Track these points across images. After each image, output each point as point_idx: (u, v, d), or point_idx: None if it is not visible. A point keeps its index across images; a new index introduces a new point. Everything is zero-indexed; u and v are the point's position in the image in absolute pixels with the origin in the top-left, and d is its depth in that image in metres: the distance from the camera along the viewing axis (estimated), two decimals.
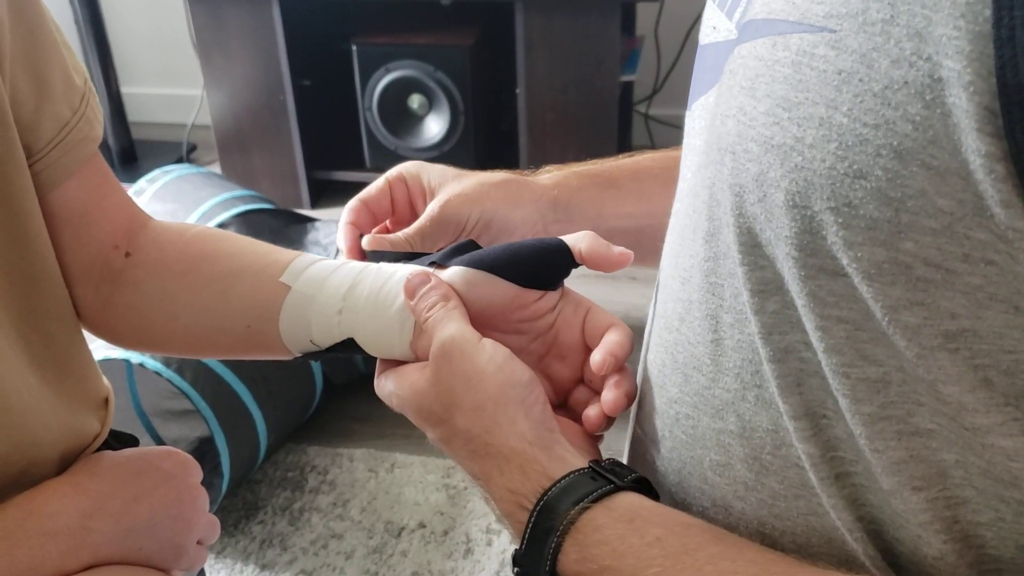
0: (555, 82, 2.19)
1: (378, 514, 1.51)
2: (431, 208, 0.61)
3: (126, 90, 2.66)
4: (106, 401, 0.63)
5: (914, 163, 0.29)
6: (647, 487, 0.44)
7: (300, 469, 1.60)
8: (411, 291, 0.51)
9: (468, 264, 0.51)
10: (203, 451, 1.38)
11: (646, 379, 0.48)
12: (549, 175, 0.64)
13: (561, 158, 2.58)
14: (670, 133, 2.56)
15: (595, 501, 0.42)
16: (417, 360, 0.52)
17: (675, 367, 0.44)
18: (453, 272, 0.52)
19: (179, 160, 2.63)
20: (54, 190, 0.54)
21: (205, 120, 2.51)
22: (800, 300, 0.34)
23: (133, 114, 2.69)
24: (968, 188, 0.29)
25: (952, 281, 0.30)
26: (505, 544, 1.45)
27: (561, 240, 0.52)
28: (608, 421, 0.50)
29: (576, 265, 0.52)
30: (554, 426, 0.47)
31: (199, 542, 0.61)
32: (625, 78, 2.24)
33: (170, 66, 2.86)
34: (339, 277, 0.55)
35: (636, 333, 0.50)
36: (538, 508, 0.43)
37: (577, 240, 0.52)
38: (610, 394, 0.49)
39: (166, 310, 0.58)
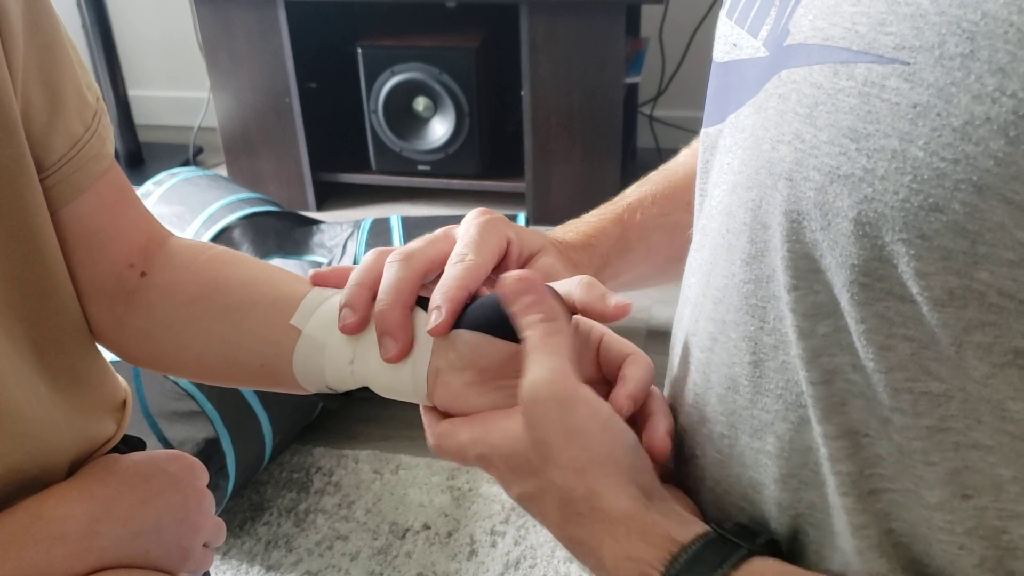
0: (560, 84, 2.19)
1: (383, 515, 1.52)
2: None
3: (133, 93, 2.67)
4: (124, 404, 0.63)
5: (994, 198, 0.29)
6: (776, 548, 0.43)
7: (305, 470, 1.61)
8: (508, 297, 0.47)
9: (466, 325, 0.50)
10: (209, 452, 1.39)
11: (677, 396, 0.48)
12: (576, 234, 0.62)
13: (566, 159, 2.58)
14: (675, 134, 2.56)
15: (733, 567, 0.40)
16: (433, 406, 0.51)
17: (708, 387, 0.44)
18: (459, 334, 0.50)
19: (185, 163, 2.64)
20: (66, 206, 0.54)
21: (211, 123, 2.52)
22: (862, 323, 0.34)
23: (140, 117, 2.71)
24: None
25: None
26: (509, 546, 1.45)
27: (553, 291, 0.49)
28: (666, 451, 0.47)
29: (570, 314, 0.49)
30: (664, 492, 0.44)
31: (205, 545, 0.61)
32: (630, 80, 2.24)
33: (176, 69, 2.87)
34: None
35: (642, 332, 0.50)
36: None
37: (571, 289, 0.49)
38: (658, 441, 0.47)
39: (177, 338, 0.57)
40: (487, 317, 0.50)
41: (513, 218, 1.75)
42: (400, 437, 1.67)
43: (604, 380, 0.52)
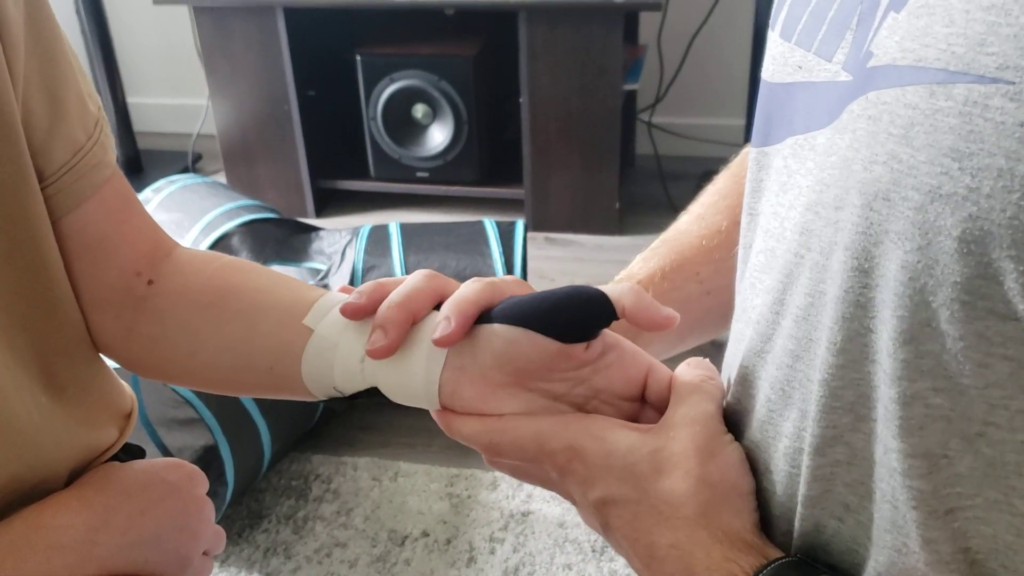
0: (558, 91, 2.20)
1: (382, 523, 1.51)
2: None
3: (132, 100, 2.68)
4: (129, 413, 0.63)
5: None
6: None
7: (304, 478, 1.61)
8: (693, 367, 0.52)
9: (507, 320, 0.49)
10: (207, 460, 1.39)
11: (747, 411, 0.48)
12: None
13: (564, 166, 2.57)
14: (673, 141, 2.57)
15: None
16: (443, 408, 0.51)
17: (788, 403, 0.44)
18: (493, 330, 0.49)
19: (184, 170, 2.64)
20: (68, 215, 0.53)
21: (210, 130, 2.52)
22: (960, 340, 0.35)
23: (139, 124, 2.71)
24: None
25: None
26: (508, 553, 1.45)
27: (601, 292, 0.49)
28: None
29: (616, 318, 0.49)
30: (762, 533, 0.47)
31: (205, 552, 0.61)
32: (628, 87, 2.24)
33: (176, 76, 2.88)
34: (364, 322, 0.52)
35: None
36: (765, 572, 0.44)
37: (622, 295, 0.50)
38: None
39: (188, 344, 0.57)
40: (532, 312, 0.48)
41: (512, 225, 1.75)
42: (399, 444, 1.67)
43: (644, 402, 0.53)
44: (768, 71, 0.46)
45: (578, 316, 0.49)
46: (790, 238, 0.43)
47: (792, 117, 0.44)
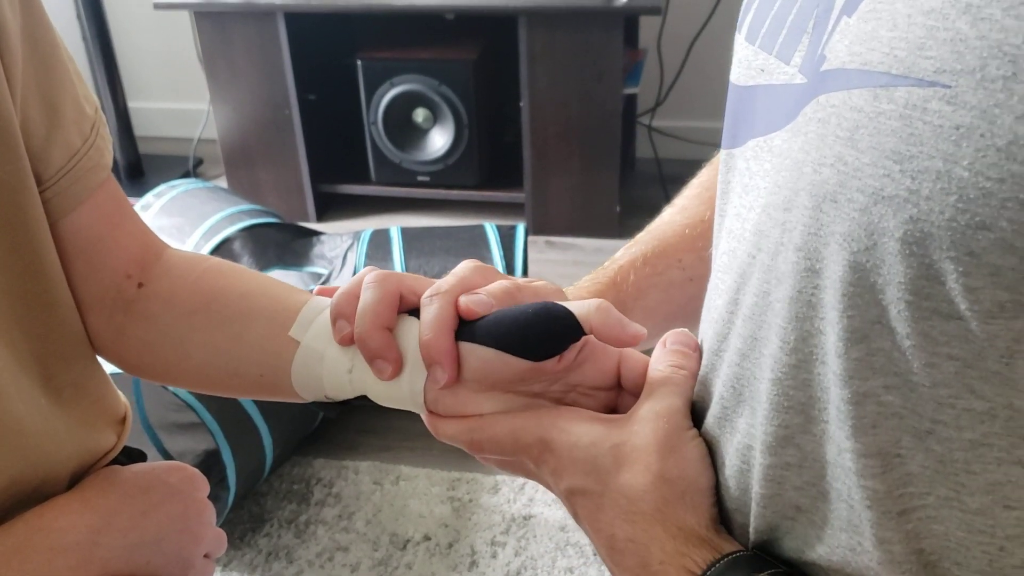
0: (558, 95, 2.20)
1: (383, 526, 1.51)
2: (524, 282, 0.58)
3: (133, 105, 2.68)
4: (124, 418, 0.63)
5: None
6: None
7: (306, 482, 1.61)
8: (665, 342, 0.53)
9: (481, 341, 0.50)
10: (209, 464, 1.39)
11: (706, 407, 0.49)
12: (572, 300, 0.65)
13: (565, 170, 2.57)
14: (673, 144, 2.57)
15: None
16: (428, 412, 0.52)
17: (739, 400, 0.45)
18: (468, 348, 0.51)
19: (185, 174, 2.65)
20: (65, 218, 0.54)
21: (211, 135, 2.53)
22: (907, 339, 0.35)
23: (140, 129, 2.71)
24: None
25: None
26: (510, 557, 1.45)
27: (568, 311, 0.50)
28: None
29: (583, 335, 0.51)
30: (720, 527, 0.48)
31: (206, 555, 0.62)
32: (628, 91, 2.25)
33: (176, 81, 2.88)
34: None
35: None
36: (714, 568, 0.44)
37: (589, 312, 0.51)
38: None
39: (178, 348, 0.57)
40: (503, 334, 0.50)
41: (513, 228, 1.75)
42: (400, 448, 1.67)
43: (620, 389, 0.54)
44: (735, 74, 0.47)
45: (547, 336, 0.50)
46: (748, 239, 0.43)
47: (754, 120, 0.44)
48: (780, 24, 0.43)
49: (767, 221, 0.41)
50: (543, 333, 0.50)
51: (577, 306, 0.51)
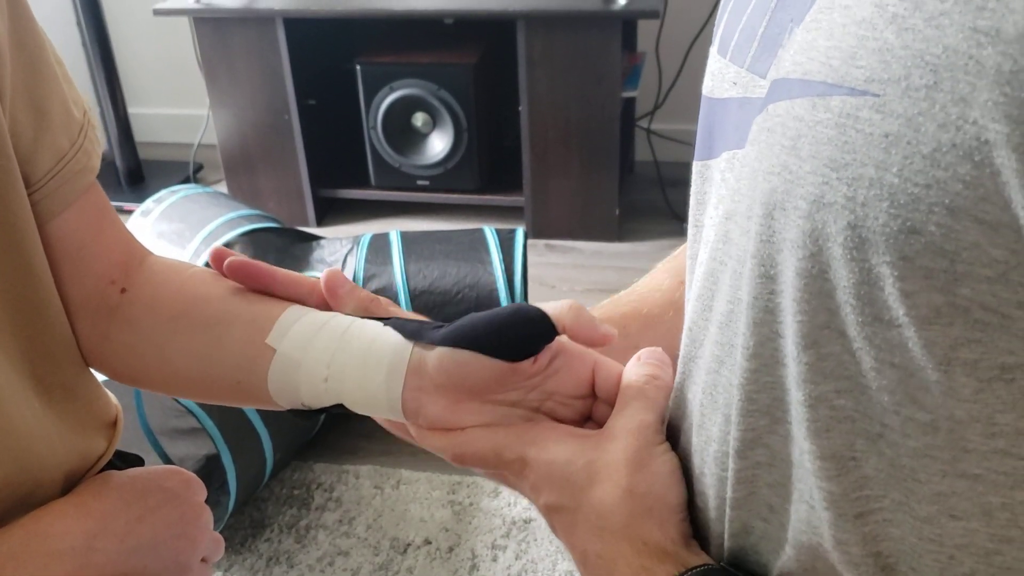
0: (557, 99, 2.20)
1: (384, 531, 1.51)
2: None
3: (133, 111, 2.69)
4: (115, 422, 0.63)
5: (966, 218, 0.31)
6: None
7: (306, 486, 1.61)
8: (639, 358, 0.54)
9: (456, 343, 0.51)
10: (210, 469, 1.39)
11: (684, 416, 0.49)
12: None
13: (564, 173, 2.57)
14: (672, 147, 2.57)
15: None
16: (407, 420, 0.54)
17: (715, 408, 0.45)
18: (445, 352, 0.52)
19: (186, 180, 2.65)
20: (51, 221, 0.54)
21: (211, 140, 2.53)
22: (855, 344, 0.36)
23: (140, 134, 2.72)
24: (1020, 240, 0.30)
25: (1008, 325, 0.32)
26: (510, 560, 1.45)
27: (542, 311, 0.52)
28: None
29: (557, 334, 0.52)
30: (691, 542, 0.49)
31: (203, 560, 0.62)
32: (627, 94, 2.25)
33: (176, 87, 2.89)
34: (325, 339, 0.54)
35: None
36: None
37: (562, 313, 0.52)
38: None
39: (160, 353, 0.58)
40: (478, 335, 0.51)
41: (512, 232, 1.75)
42: (401, 452, 1.67)
43: (595, 397, 0.54)
44: (708, 86, 0.48)
45: (521, 336, 0.52)
46: (720, 248, 0.44)
47: (728, 132, 0.45)
48: (750, 38, 0.44)
49: (735, 229, 0.42)
50: (518, 334, 0.51)
51: (549, 307, 0.52)
